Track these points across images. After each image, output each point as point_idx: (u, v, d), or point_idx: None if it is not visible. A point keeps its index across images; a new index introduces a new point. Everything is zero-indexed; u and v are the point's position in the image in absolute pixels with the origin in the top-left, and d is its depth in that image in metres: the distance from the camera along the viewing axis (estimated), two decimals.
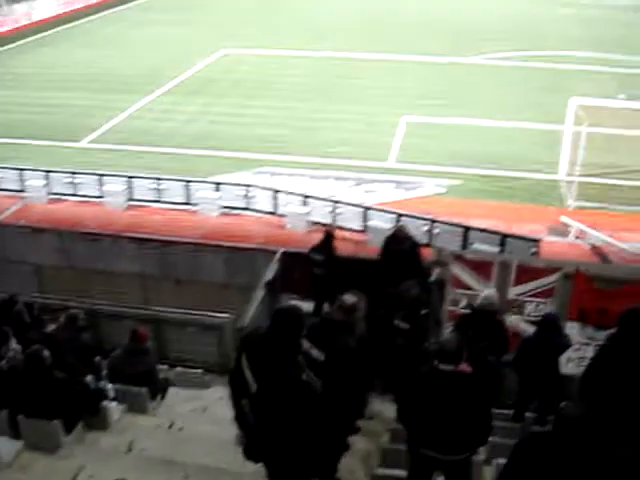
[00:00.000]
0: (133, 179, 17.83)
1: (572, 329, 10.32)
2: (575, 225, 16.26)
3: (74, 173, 18.11)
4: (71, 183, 18.12)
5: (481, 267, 10.58)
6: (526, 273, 10.39)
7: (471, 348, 6.84)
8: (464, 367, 5.47)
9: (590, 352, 9.95)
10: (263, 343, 4.79)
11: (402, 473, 6.27)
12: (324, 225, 16.14)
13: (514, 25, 38.57)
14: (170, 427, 7.96)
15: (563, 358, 9.78)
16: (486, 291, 9.34)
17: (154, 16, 42.81)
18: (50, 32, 39.59)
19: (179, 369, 10.66)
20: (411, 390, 5.69)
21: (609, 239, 15.43)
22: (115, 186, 17.76)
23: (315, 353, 5.37)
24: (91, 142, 22.77)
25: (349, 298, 6.09)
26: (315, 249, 12.47)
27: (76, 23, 41.80)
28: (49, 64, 32.08)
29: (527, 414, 9.00)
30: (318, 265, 12.22)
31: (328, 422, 5.29)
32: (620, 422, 5.93)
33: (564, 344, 8.79)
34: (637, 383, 6.26)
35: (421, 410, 5.55)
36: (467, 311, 9.69)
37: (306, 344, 5.32)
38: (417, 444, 5.68)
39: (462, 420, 5.38)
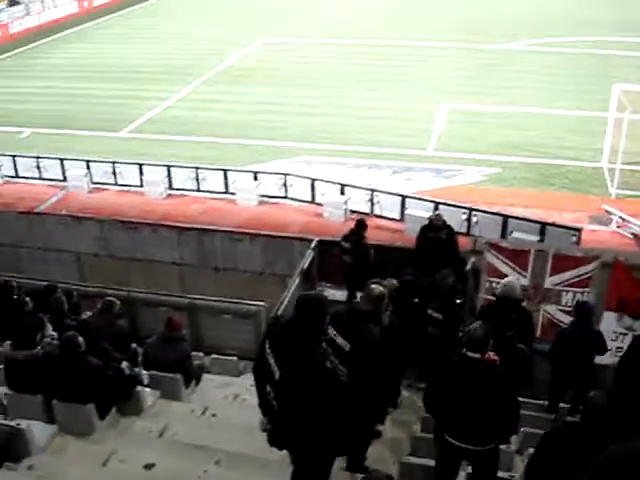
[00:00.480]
0: (172, 168, 17.99)
1: (610, 319, 10.20)
2: (617, 214, 15.99)
3: (114, 162, 18.33)
4: (112, 172, 18.34)
5: (517, 256, 10.46)
6: (563, 262, 10.24)
7: (498, 337, 6.80)
8: (491, 355, 5.43)
9: (628, 342, 9.82)
10: (287, 330, 4.81)
11: (432, 462, 6.26)
12: (362, 214, 16.15)
13: (553, 11, 37.89)
14: (203, 413, 8.05)
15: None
16: (507, 278, 9.25)
17: (190, 6, 42.95)
18: (88, 24, 39.99)
19: (214, 356, 10.75)
20: (439, 377, 5.67)
21: None
22: (154, 175, 17.95)
23: (340, 341, 5.39)
24: (131, 132, 23.04)
25: (376, 288, 6.08)
26: (345, 237, 12.46)
27: (112, 16, 42.10)
28: (86, 56, 32.47)
29: (561, 405, 8.90)
30: (346, 253, 12.22)
31: (354, 410, 5.30)
32: None
33: (599, 336, 8.68)
34: None
35: (448, 398, 5.53)
36: (492, 298, 9.63)
37: (331, 331, 5.34)
38: (444, 433, 5.65)
39: (488, 410, 5.34)
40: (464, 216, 15.02)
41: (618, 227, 15.72)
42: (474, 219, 15.00)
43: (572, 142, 20.46)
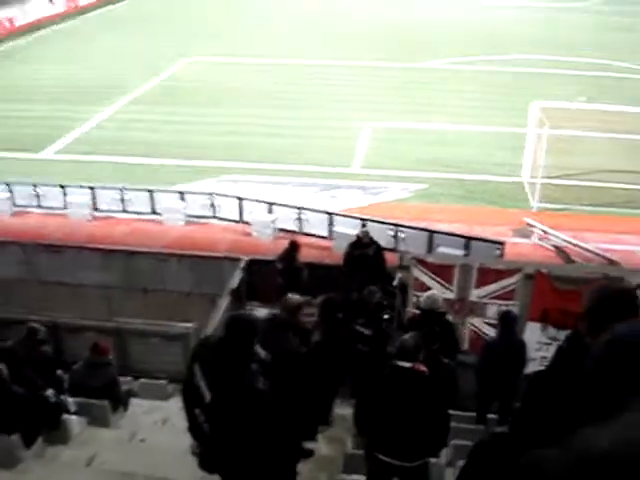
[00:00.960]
0: (97, 189, 17.69)
1: (534, 329, 10.46)
2: (538, 227, 16.43)
3: (36, 185, 17.92)
4: (35, 195, 17.93)
5: (443, 270, 10.65)
6: (488, 275, 10.49)
7: (424, 350, 6.91)
8: (420, 366, 5.50)
9: (552, 352, 10.07)
10: (216, 351, 4.76)
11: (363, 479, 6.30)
12: (290, 232, 16.18)
13: (473, 30, 38.78)
14: (131, 440, 7.92)
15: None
16: (429, 291, 9.44)
17: (115, 27, 42.47)
18: (8, 45, 39.11)
19: (143, 380, 10.59)
20: (369, 390, 5.71)
21: (572, 239, 15.60)
22: (79, 197, 17.60)
23: (262, 354, 5.37)
24: (56, 153, 22.55)
25: (292, 297, 6.12)
26: (279, 258, 12.50)
27: (34, 36, 41.24)
28: (10, 77, 31.71)
29: (489, 416, 9.07)
30: (280, 273, 12.26)
31: (284, 428, 5.30)
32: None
33: (523, 345, 8.91)
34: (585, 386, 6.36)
35: (378, 411, 5.57)
36: (417, 312, 9.81)
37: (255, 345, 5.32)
38: (374, 451, 5.69)
39: (417, 421, 5.40)
40: (391, 232, 15.19)
41: (540, 240, 16.14)
42: (401, 235, 15.18)
43: (494, 158, 20.91)
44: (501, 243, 14.24)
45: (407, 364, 5.43)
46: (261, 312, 12.44)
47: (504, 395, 8.86)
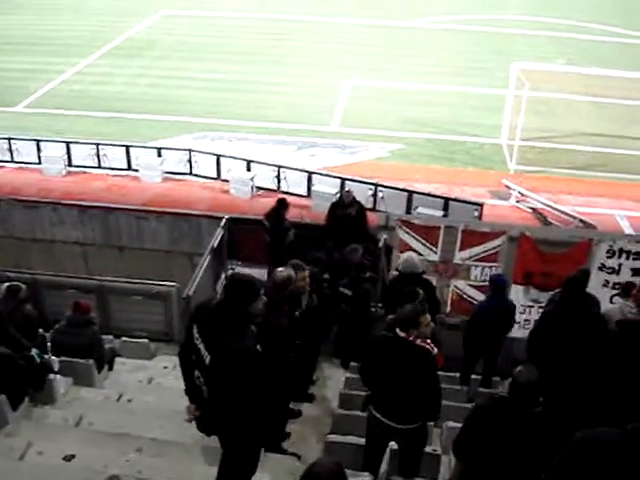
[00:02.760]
0: (72, 144, 17.34)
1: (517, 292, 10.54)
2: (516, 189, 16.47)
3: (10, 139, 17.51)
4: (8, 149, 17.52)
5: (427, 231, 10.64)
6: (472, 237, 10.50)
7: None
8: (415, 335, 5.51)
9: (535, 314, 10.21)
10: (216, 313, 4.69)
11: (354, 439, 6.33)
12: (268, 190, 16.06)
13: None
14: (118, 399, 7.88)
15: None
16: (406, 253, 9.45)
17: None
18: None
19: (125, 339, 10.52)
20: (371, 353, 5.74)
21: (549, 202, 15.67)
22: (53, 152, 17.23)
23: None
24: (27, 107, 22.04)
25: (280, 273, 6.10)
26: (266, 216, 12.42)
27: None
28: None
29: (473, 376, 9.17)
30: (267, 232, 12.20)
31: (278, 389, 5.31)
32: (567, 382, 6.10)
33: (514, 307, 9.02)
34: (579, 345, 6.47)
35: (378, 374, 5.61)
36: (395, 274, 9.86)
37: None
38: (373, 410, 5.74)
39: (416, 388, 5.44)
40: (370, 192, 15.12)
41: (517, 202, 16.18)
42: (380, 195, 15.12)
43: (473, 119, 20.86)
44: (479, 204, 14.26)
45: (403, 334, 5.46)
46: (240, 271, 12.43)
47: (489, 356, 8.96)
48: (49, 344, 8.62)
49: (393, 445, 6.01)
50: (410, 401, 5.53)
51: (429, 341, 5.53)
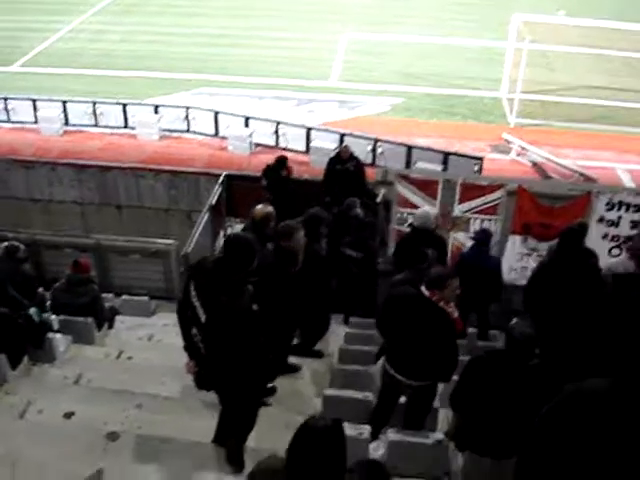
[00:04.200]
0: (68, 103, 17.18)
1: (516, 242, 10.56)
2: (516, 142, 16.37)
3: (6, 99, 17.34)
4: (4, 109, 17.37)
5: (426, 186, 10.59)
6: (471, 190, 10.45)
7: (409, 272, 6.94)
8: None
9: (532, 262, 10.23)
10: (213, 272, 4.68)
11: (352, 393, 6.36)
12: (267, 147, 15.97)
13: None
14: (118, 357, 7.91)
15: (505, 267, 10.04)
16: (421, 209, 9.41)
17: None
18: None
19: (125, 297, 10.54)
20: (391, 309, 5.70)
21: (549, 155, 15.58)
22: (50, 111, 17.08)
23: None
24: (23, 66, 21.81)
25: (258, 209, 6.12)
26: (263, 174, 12.35)
27: None
28: None
29: (470, 330, 9.19)
30: (265, 190, 12.14)
31: (275, 346, 5.32)
32: (563, 334, 6.11)
33: (495, 260, 9.05)
34: (575, 294, 6.48)
35: (396, 331, 5.60)
36: (407, 230, 9.82)
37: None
38: (387, 365, 5.75)
39: (432, 348, 5.42)
40: (369, 147, 15.03)
41: (518, 155, 16.10)
42: (379, 150, 15.03)
43: (473, 72, 20.67)
44: (479, 159, 14.17)
45: (428, 292, 5.43)
46: (239, 227, 12.39)
47: (480, 308, 8.99)
48: (49, 303, 8.64)
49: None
50: (424, 360, 5.51)
51: (452, 304, 5.49)
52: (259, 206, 6.34)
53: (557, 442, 1.80)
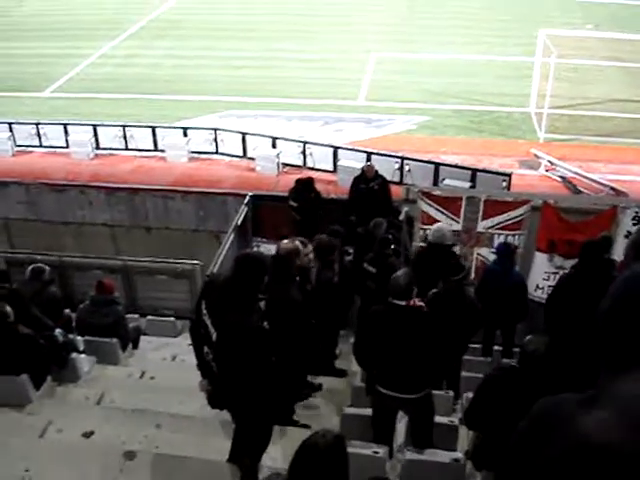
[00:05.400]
0: (99, 127, 17.47)
1: (541, 259, 10.45)
2: (545, 157, 16.24)
3: (38, 124, 17.69)
4: (36, 134, 17.72)
5: (450, 202, 10.57)
6: (494, 206, 10.41)
7: (445, 283, 6.91)
8: (416, 301, 5.46)
9: None
10: (223, 290, 4.70)
11: (369, 412, 6.31)
12: (294, 166, 16.05)
13: None
14: (141, 377, 7.98)
15: (531, 286, 9.95)
16: (437, 224, 9.40)
17: None
18: None
19: (150, 317, 10.64)
20: (366, 326, 5.69)
21: (579, 170, 15.43)
22: (81, 135, 17.37)
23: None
24: (54, 91, 22.21)
25: (284, 244, 6.06)
26: (290, 195, 12.43)
27: None
28: (3, 12, 31.10)
29: (495, 347, 9.11)
30: (294, 210, 12.21)
31: (289, 365, 5.31)
32: (580, 349, 6.00)
33: (519, 276, 8.97)
34: (594, 309, 6.33)
35: (377, 348, 5.57)
36: (420, 245, 9.81)
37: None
38: (376, 384, 5.71)
39: (417, 355, 5.39)
40: (396, 165, 15.03)
41: (547, 171, 15.96)
42: (406, 168, 15.03)
43: (500, 88, 20.58)
44: (508, 175, 14.07)
45: (402, 302, 5.39)
46: (266, 248, 12.45)
47: (505, 325, 8.91)
48: (74, 324, 8.76)
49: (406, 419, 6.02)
50: (417, 368, 5.49)
51: (416, 299, 5.47)
52: (285, 241, 6.22)
53: (522, 461, 1.77)
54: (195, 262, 11.49)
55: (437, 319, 5.52)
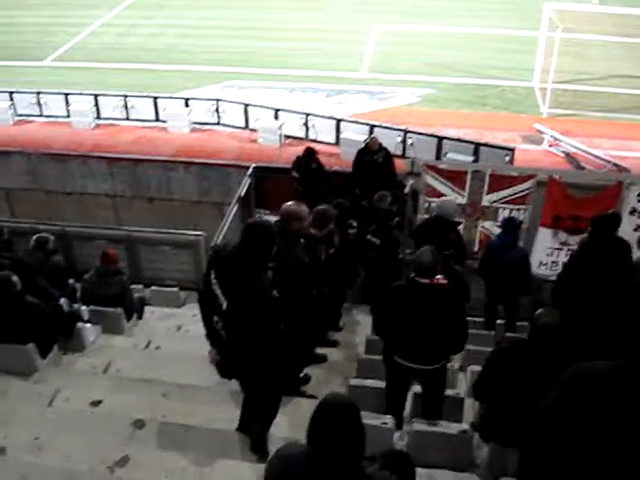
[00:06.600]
0: (100, 97, 17.36)
1: (546, 234, 10.44)
2: (549, 132, 16.18)
3: (39, 93, 17.56)
4: (36, 103, 17.60)
5: (455, 176, 10.53)
6: (500, 181, 10.37)
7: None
8: (440, 279, 5.46)
9: (563, 256, 10.13)
10: (232, 259, 4.68)
11: (377, 383, 6.35)
12: (296, 138, 15.99)
13: None
14: (147, 346, 7.99)
15: (534, 261, 9.96)
16: (442, 198, 9.43)
17: None
18: None
19: (154, 287, 10.64)
20: (389, 302, 5.69)
21: (582, 146, 15.38)
22: (82, 105, 17.27)
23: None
24: (55, 60, 22.07)
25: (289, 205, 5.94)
26: (293, 167, 12.38)
27: None
28: None
29: (498, 321, 9.13)
30: (296, 182, 12.18)
31: (297, 334, 5.31)
32: (592, 326, 6.00)
33: (523, 251, 8.98)
34: (606, 286, 6.33)
35: (398, 322, 5.58)
36: (425, 217, 9.81)
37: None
38: (393, 355, 5.73)
39: (438, 331, 5.43)
40: (399, 138, 14.97)
41: (550, 146, 15.92)
42: (409, 141, 14.98)
43: (504, 62, 20.47)
44: (511, 149, 14.04)
45: (426, 280, 5.40)
46: (269, 219, 12.41)
47: (508, 299, 8.94)
48: (78, 294, 8.76)
49: (417, 389, 6.05)
50: (437, 342, 5.53)
51: (440, 277, 5.48)
52: (288, 203, 6.04)
53: (559, 426, 1.78)
54: (199, 233, 11.46)
55: (459, 296, 5.53)
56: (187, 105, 17.16)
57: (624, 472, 1.57)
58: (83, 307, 8.32)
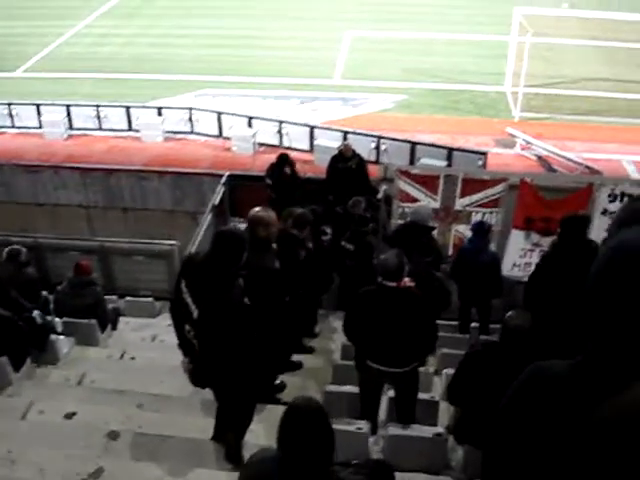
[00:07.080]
0: (72, 107, 17.24)
1: (518, 237, 10.53)
2: (521, 136, 16.32)
3: (10, 104, 17.42)
4: (8, 115, 17.46)
5: (427, 181, 10.60)
6: (472, 185, 10.46)
7: (415, 263, 6.91)
8: (407, 282, 5.48)
9: (535, 257, 10.21)
10: (203, 267, 4.68)
11: (353, 389, 6.36)
12: (270, 146, 15.98)
13: None
14: (121, 357, 7.95)
15: (507, 263, 10.02)
16: (417, 204, 9.47)
17: None
18: None
19: (129, 298, 10.58)
20: (357, 306, 5.71)
21: (554, 149, 15.52)
22: (54, 115, 17.16)
23: None
24: (26, 71, 21.91)
25: (257, 212, 5.91)
26: (267, 174, 12.37)
27: None
28: None
29: (472, 324, 9.19)
30: (270, 189, 12.17)
31: (270, 342, 5.31)
32: (562, 328, 6.05)
33: (494, 255, 9.05)
34: (575, 287, 6.35)
35: (368, 325, 5.59)
36: (399, 222, 9.86)
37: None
38: (365, 359, 5.74)
39: (407, 333, 5.44)
40: (373, 144, 15.03)
41: (522, 149, 16.05)
42: (383, 147, 15.03)
43: (476, 67, 20.60)
44: (483, 153, 14.13)
45: (392, 283, 5.41)
46: (244, 227, 12.39)
47: (480, 303, 9.00)
48: (52, 306, 8.70)
49: (390, 394, 6.07)
50: (407, 345, 5.55)
51: (407, 280, 5.50)
52: (255, 209, 5.99)
53: (513, 425, 1.80)
54: (172, 242, 11.42)
55: (427, 299, 5.55)
56: (160, 114, 17.09)
57: (574, 472, 1.59)
58: (56, 319, 8.26)
